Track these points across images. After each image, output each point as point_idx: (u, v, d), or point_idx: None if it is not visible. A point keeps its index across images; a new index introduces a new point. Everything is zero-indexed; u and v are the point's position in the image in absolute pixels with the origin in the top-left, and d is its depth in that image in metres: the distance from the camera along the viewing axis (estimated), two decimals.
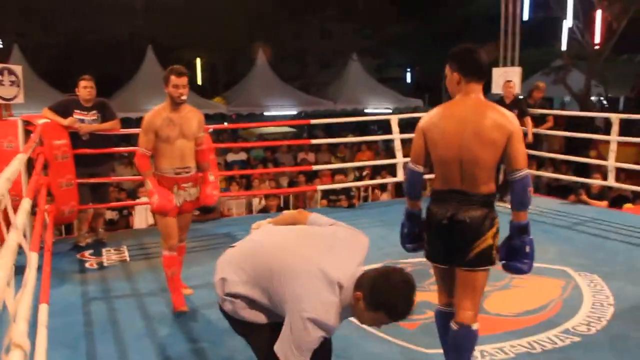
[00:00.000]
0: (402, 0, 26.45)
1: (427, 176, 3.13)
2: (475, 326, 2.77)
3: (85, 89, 5.62)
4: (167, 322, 3.93)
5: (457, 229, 2.66)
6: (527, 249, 2.72)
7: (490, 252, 2.69)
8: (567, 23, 15.92)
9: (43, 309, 2.42)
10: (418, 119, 2.89)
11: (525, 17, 14.03)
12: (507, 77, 8.35)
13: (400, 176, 7.55)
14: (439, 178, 2.78)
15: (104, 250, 5.65)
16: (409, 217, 2.95)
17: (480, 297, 2.79)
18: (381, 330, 3.68)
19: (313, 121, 7.87)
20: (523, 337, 3.57)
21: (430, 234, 2.81)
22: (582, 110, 15.79)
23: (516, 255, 2.74)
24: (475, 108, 2.67)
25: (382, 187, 9.48)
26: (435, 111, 2.79)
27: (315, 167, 8.94)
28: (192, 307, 4.14)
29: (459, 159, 2.66)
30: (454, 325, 2.80)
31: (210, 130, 6.75)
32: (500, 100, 7.59)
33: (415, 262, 5.03)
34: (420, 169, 2.83)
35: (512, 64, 9.85)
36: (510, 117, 2.67)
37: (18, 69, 5.85)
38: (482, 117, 2.64)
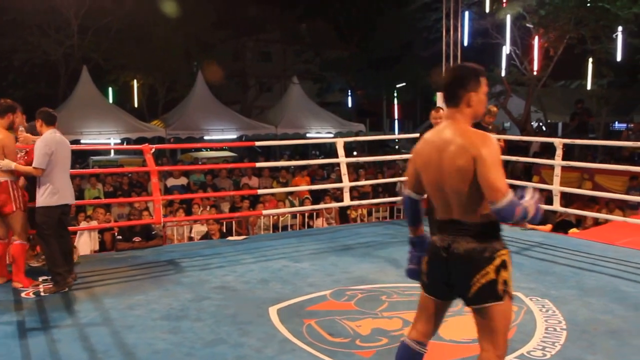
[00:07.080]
0: (343, 25, 26.89)
1: None
2: None
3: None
4: (111, 353, 3.76)
5: (454, 262, 2.53)
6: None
7: (495, 287, 2.51)
8: (506, 49, 16.09)
9: None
10: (363, 142, 2.93)
11: (466, 42, 14.24)
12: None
13: (347, 201, 7.42)
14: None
15: (40, 278, 5.37)
16: (410, 244, 2.83)
17: (502, 337, 2.56)
18: (335, 357, 3.66)
19: (258, 143, 7.84)
20: None
21: (429, 265, 2.66)
22: (522, 135, 15.97)
23: None
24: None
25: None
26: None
27: (260, 192, 8.90)
28: (138, 337, 4.00)
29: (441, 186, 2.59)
30: None
31: (153, 150, 6.61)
32: (430, 127, 7.70)
33: (366, 289, 5.03)
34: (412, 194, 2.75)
35: None
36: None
37: None
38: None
